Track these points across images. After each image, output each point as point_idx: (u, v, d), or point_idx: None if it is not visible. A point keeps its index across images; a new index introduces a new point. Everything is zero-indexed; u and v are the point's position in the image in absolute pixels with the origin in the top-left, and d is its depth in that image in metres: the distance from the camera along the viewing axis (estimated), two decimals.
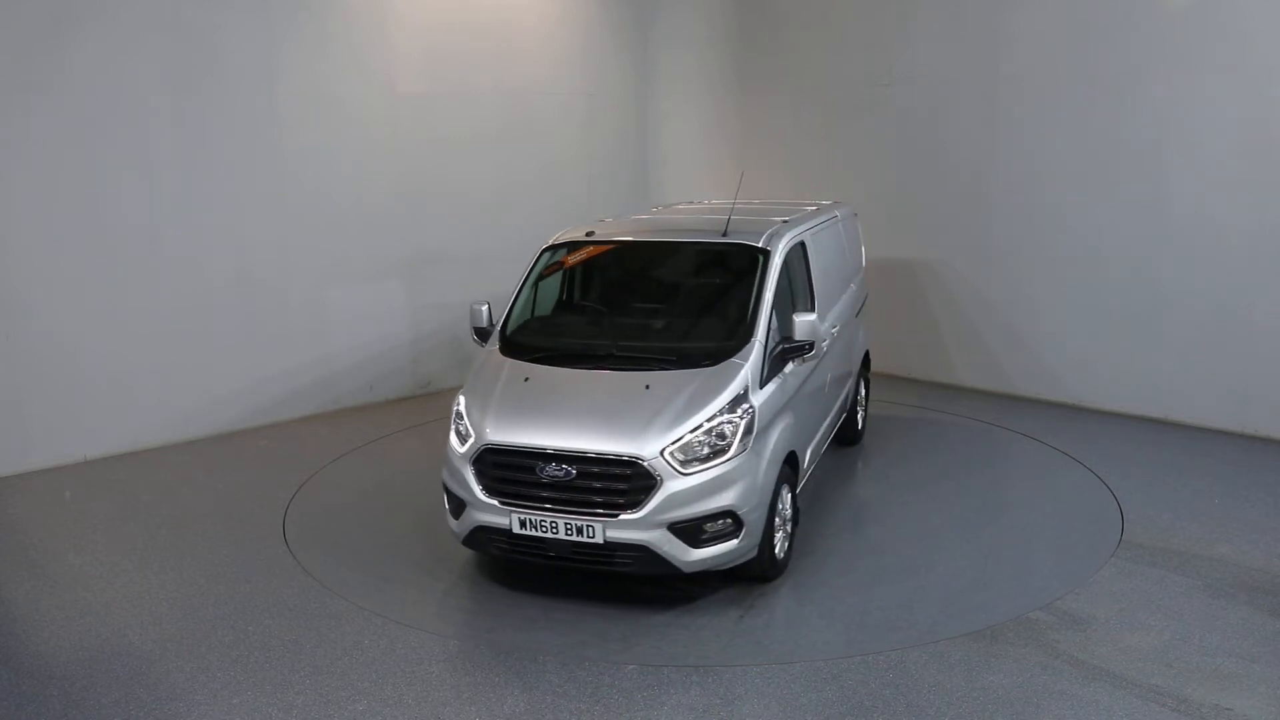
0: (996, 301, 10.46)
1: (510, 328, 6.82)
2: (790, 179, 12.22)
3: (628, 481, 5.59)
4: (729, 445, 5.69)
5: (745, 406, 5.81)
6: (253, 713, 4.93)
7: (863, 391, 9.12)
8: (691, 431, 5.64)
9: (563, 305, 7.20)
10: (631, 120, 12.22)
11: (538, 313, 7.04)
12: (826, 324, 7.33)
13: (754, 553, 5.90)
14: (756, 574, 6.12)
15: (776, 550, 6.15)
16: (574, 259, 7.24)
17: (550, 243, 7.26)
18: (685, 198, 12.07)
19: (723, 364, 5.97)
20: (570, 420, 5.80)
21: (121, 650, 5.54)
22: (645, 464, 5.56)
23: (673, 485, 5.55)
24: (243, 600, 6.12)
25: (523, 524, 5.75)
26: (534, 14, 11.13)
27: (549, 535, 5.71)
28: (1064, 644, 5.44)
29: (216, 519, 7.40)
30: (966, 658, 5.33)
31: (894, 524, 7.22)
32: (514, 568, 6.40)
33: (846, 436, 8.79)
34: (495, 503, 5.84)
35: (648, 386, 5.89)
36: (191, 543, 6.98)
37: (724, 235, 6.83)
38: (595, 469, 5.64)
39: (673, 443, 5.60)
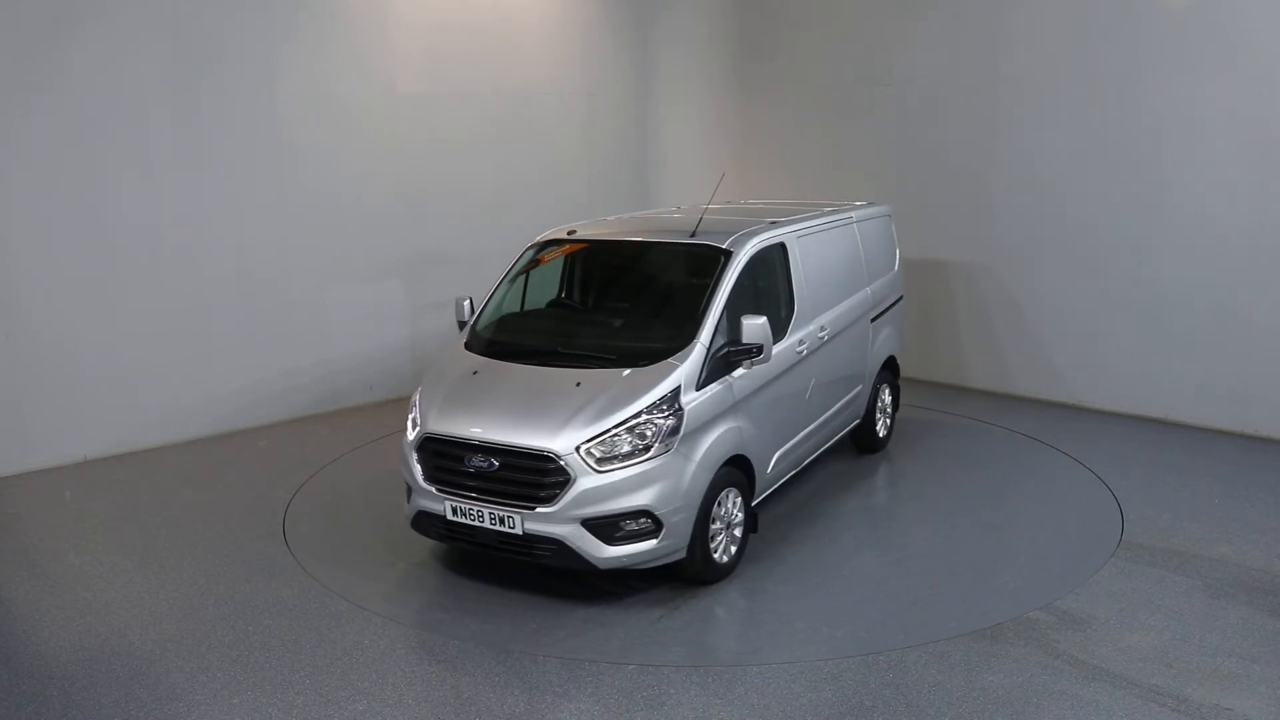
0: (997, 302, 10.46)
1: (481, 323, 6.99)
2: (791, 179, 12.23)
3: (543, 475, 5.70)
4: (650, 445, 5.70)
5: (674, 408, 5.80)
6: (253, 713, 4.93)
7: (887, 397, 8.79)
8: (611, 429, 5.68)
9: (535, 302, 7.33)
10: (631, 120, 12.22)
11: (511, 309, 7.16)
12: (811, 328, 7.16)
13: (681, 554, 5.91)
14: (692, 576, 6.12)
15: (717, 555, 6.15)
16: (551, 257, 7.36)
17: (534, 241, 7.39)
18: (686, 198, 12.08)
19: (658, 364, 5.97)
20: (500, 413, 5.94)
21: (121, 650, 5.55)
22: (560, 459, 5.64)
23: (586, 482, 5.62)
24: (243, 600, 6.12)
25: (455, 511, 5.98)
26: (534, 14, 11.13)
27: (477, 524, 5.91)
28: (1064, 644, 5.44)
29: (216, 519, 7.40)
30: (966, 658, 5.33)
31: (873, 531, 7.18)
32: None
33: (864, 443, 8.57)
34: (433, 489, 6.06)
35: (578, 384, 5.96)
36: (191, 543, 6.99)
37: (692, 235, 6.78)
38: (515, 462, 5.78)
39: (589, 439, 5.66)
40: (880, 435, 8.72)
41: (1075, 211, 9.73)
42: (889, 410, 8.88)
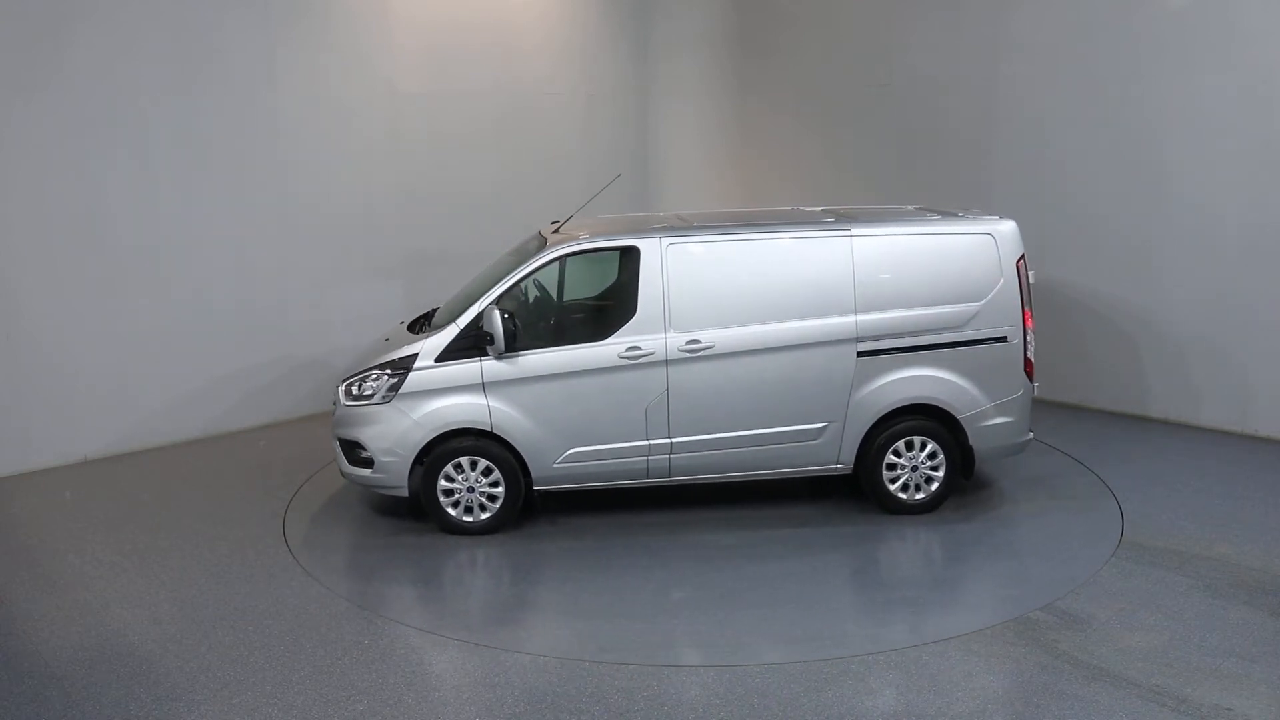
0: None
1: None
2: (790, 180, 12.22)
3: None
4: (374, 394, 6.97)
5: (403, 370, 6.93)
6: (253, 713, 4.93)
7: (928, 455, 7.10)
8: (357, 374, 7.13)
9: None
10: (631, 120, 12.21)
11: (464, 289, 7.81)
12: (670, 338, 6.82)
13: (402, 492, 7.01)
14: (438, 523, 7.04)
15: (455, 512, 6.96)
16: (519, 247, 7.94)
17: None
18: (685, 199, 12.11)
19: (420, 336, 7.11)
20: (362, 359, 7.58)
21: (121, 650, 5.55)
22: (338, 389, 7.23)
23: (340, 410, 7.17)
24: (243, 600, 6.13)
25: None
26: (533, 13, 11.13)
27: None
28: (1064, 644, 5.44)
29: (217, 519, 7.40)
30: (967, 658, 5.33)
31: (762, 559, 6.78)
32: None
33: (883, 503, 7.18)
34: None
35: (386, 339, 7.52)
36: (192, 543, 6.99)
37: (555, 230, 7.45)
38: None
39: (349, 378, 7.19)
40: (906, 500, 7.15)
41: (1075, 211, 9.73)
42: (935, 469, 7.14)
